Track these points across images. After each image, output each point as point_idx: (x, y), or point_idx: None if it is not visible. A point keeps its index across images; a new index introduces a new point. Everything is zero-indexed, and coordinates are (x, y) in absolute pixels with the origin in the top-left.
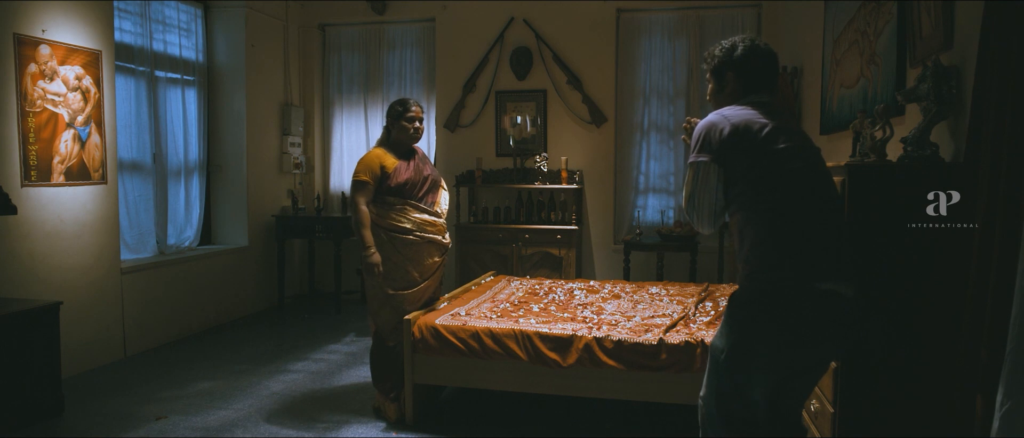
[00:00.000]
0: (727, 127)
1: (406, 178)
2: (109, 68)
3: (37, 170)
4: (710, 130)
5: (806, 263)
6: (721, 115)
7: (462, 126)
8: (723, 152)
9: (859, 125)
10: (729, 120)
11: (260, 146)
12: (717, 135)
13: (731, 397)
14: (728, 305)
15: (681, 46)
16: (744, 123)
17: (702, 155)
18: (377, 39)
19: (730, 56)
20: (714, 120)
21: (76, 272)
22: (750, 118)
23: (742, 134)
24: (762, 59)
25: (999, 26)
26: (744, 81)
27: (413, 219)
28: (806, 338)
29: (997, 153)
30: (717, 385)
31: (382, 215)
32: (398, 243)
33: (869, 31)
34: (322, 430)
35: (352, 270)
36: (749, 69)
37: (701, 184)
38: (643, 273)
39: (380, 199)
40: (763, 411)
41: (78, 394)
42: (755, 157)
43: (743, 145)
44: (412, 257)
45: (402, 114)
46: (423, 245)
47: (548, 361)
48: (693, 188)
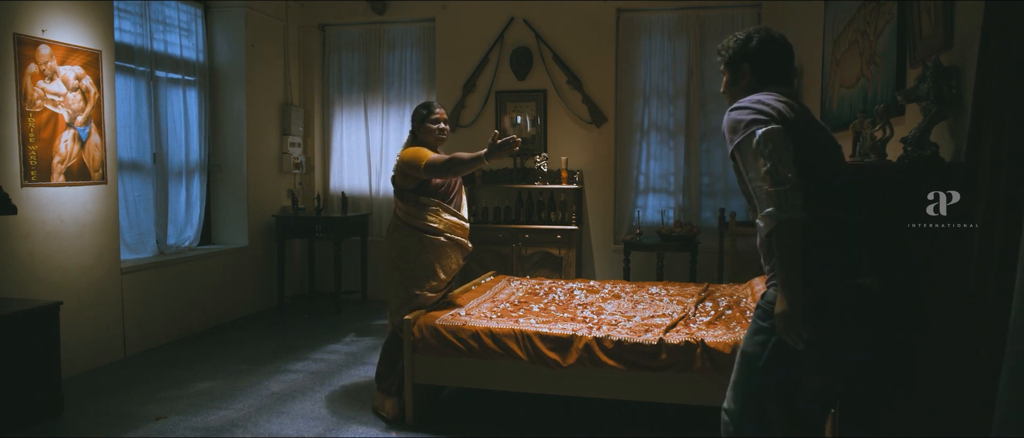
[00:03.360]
0: (768, 109)
1: (441, 180)
2: (109, 68)
3: (37, 170)
4: (753, 106)
5: (850, 259)
6: (757, 99)
7: (462, 126)
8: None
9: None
10: (766, 103)
11: (260, 146)
12: (766, 109)
13: (773, 405)
14: (764, 307)
15: (681, 46)
16: (784, 108)
17: (754, 126)
18: (377, 39)
19: (745, 47)
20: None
21: (76, 272)
22: (784, 106)
23: (784, 119)
24: (778, 50)
25: (999, 26)
26: (759, 73)
27: (444, 220)
28: (850, 337)
29: (997, 153)
30: (756, 392)
31: (415, 215)
32: (428, 243)
33: (869, 31)
34: (322, 430)
35: (352, 270)
36: (765, 61)
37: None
38: (643, 273)
39: (413, 199)
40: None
41: (78, 394)
42: (798, 145)
43: (789, 126)
44: (440, 258)
45: (427, 117)
46: (450, 247)
47: (548, 361)
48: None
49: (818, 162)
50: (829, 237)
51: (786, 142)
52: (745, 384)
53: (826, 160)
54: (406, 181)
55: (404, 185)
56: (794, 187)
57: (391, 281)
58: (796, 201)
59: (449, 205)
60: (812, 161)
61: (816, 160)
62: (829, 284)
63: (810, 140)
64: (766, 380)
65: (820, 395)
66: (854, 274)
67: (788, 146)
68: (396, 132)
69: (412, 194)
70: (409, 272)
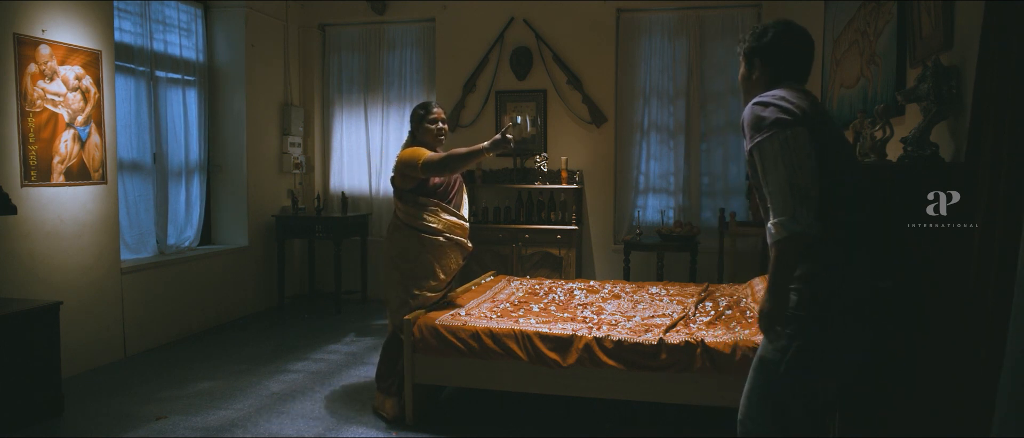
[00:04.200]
0: (794, 108)
1: (440, 180)
2: (109, 68)
3: (37, 170)
4: (774, 103)
5: (870, 261)
6: (781, 96)
7: (462, 126)
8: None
9: (859, 125)
10: (791, 101)
11: (260, 146)
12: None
13: (794, 409)
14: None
15: (681, 46)
16: (809, 106)
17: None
18: (377, 39)
19: (759, 41)
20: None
21: (76, 272)
22: (809, 105)
23: (808, 116)
24: (795, 45)
25: (999, 26)
26: (772, 70)
27: (443, 220)
28: (852, 336)
29: (997, 153)
30: (775, 397)
31: (414, 215)
32: (427, 244)
33: (869, 31)
34: (322, 430)
35: (352, 270)
36: (778, 57)
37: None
38: (643, 273)
39: (412, 199)
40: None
41: (78, 394)
42: (821, 143)
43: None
44: (439, 258)
45: (424, 117)
46: (449, 247)
47: (548, 361)
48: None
49: (831, 162)
50: (832, 237)
51: (808, 147)
52: (765, 391)
53: (838, 159)
54: (405, 181)
55: (403, 185)
56: (811, 198)
57: (391, 281)
58: (810, 213)
59: (448, 205)
60: (826, 160)
61: (829, 160)
62: (831, 284)
63: (828, 139)
64: (787, 385)
65: (823, 395)
66: (856, 274)
67: (810, 152)
68: (396, 132)
69: (411, 194)
70: (409, 272)
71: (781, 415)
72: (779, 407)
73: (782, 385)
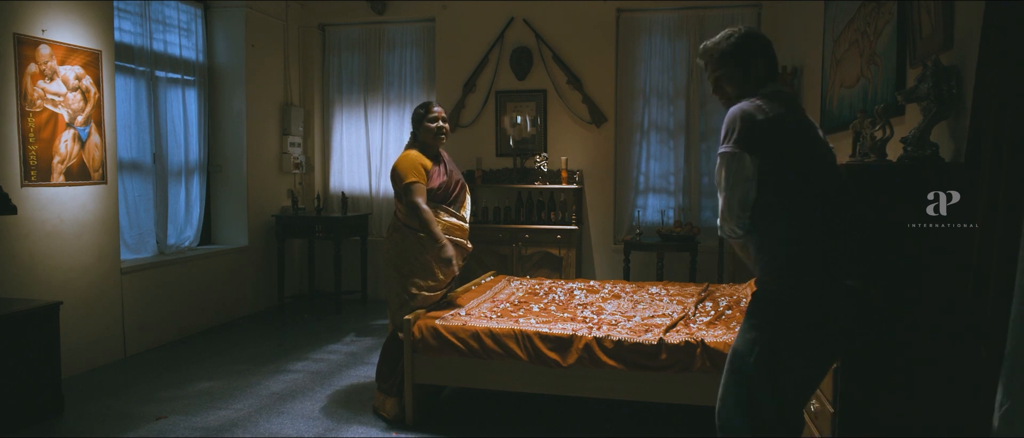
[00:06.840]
0: (760, 116)
1: (440, 182)
2: (109, 68)
3: (37, 170)
4: (743, 119)
5: (836, 260)
6: (753, 104)
7: (462, 126)
8: (758, 142)
9: (859, 125)
10: (762, 109)
11: (260, 146)
12: (750, 124)
13: (763, 400)
14: (754, 306)
15: (681, 46)
16: (777, 114)
17: (734, 146)
18: (377, 39)
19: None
20: (747, 109)
21: (76, 272)
22: (780, 110)
23: (776, 125)
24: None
25: (999, 26)
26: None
27: (443, 222)
28: (836, 334)
29: (997, 153)
30: (746, 390)
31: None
32: (427, 244)
33: (869, 31)
34: (322, 430)
35: (352, 270)
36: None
37: (734, 176)
38: (643, 273)
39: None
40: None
41: (78, 394)
42: (788, 150)
43: (778, 137)
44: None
45: (425, 116)
46: None
47: (548, 361)
48: (728, 182)
49: (802, 159)
50: (813, 237)
51: (751, 174)
52: (735, 381)
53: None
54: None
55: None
56: (741, 217)
57: (391, 281)
58: (737, 226)
59: (449, 206)
60: (796, 158)
61: (800, 158)
62: (813, 283)
63: (798, 141)
64: (757, 375)
65: (802, 387)
66: (837, 275)
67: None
68: (396, 132)
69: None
70: (409, 272)
71: (753, 408)
72: (751, 401)
73: (752, 380)
